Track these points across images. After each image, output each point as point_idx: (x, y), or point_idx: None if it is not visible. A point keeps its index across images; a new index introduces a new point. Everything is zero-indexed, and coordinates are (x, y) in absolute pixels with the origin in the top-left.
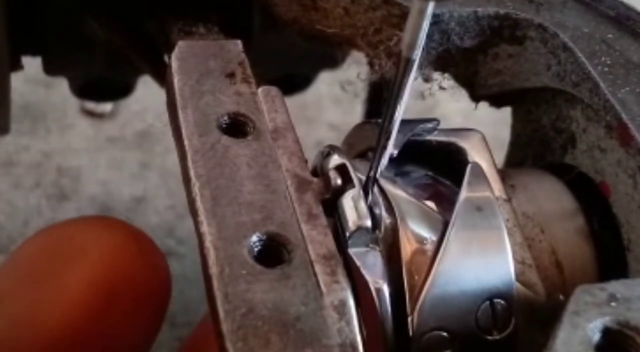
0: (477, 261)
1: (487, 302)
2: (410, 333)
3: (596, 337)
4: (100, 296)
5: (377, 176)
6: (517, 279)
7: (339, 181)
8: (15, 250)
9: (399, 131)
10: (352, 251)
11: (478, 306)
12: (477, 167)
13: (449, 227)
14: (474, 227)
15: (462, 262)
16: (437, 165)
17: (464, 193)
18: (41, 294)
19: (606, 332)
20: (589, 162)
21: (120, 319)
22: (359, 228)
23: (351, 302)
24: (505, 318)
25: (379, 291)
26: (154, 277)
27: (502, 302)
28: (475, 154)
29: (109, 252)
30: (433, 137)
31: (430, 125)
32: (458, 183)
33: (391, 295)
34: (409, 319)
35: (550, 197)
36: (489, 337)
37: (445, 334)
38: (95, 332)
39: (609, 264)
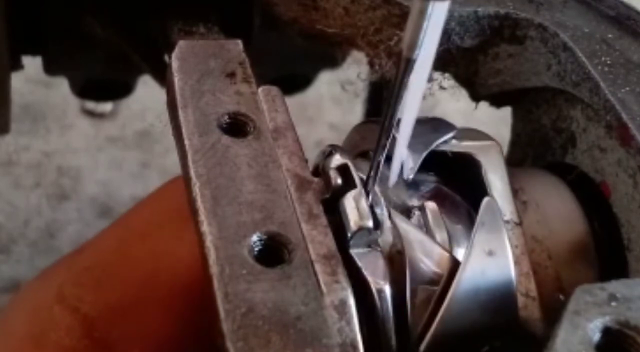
0: (483, 308)
1: (487, 347)
2: None
3: (596, 336)
4: None
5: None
6: (520, 313)
7: (339, 181)
8: (163, 187)
9: (414, 151)
10: (353, 251)
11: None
12: (491, 203)
13: (458, 273)
14: (484, 274)
15: (467, 310)
16: (449, 168)
17: (476, 235)
18: (187, 233)
19: (606, 331)
20: (589, 162)
21: None
22: (361, 228)
23: (351, 302)
24: None
25: (380, 291)
26: None
27: (502, 342)
28: (490, 170)
29: None
30: (448, 147)
31: (446, 137)
32: (468, 190)
33: (393, 296)
34: None
35: (561, 219)
36: None
37: None
38: None
39: (609, 263)
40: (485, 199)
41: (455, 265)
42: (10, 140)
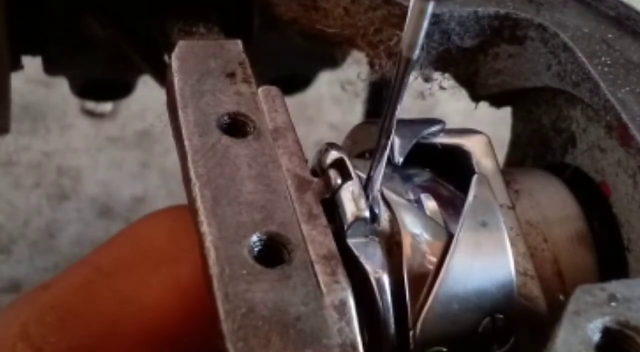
0: (480, 278)
1: (489, 318)
2: (412, 347)
3: (596, 337)
4: (201, 295)
5: (380, 181)
6: (519, 291)
7: (339, 181)
8: (136, 224)
9: (403, 137)
10: (351, 241)
11: (479, 322)
12: (482, 179)
13: (453, 245)
14: (479, 244)
15: (464, 279)
16: (442, 166)
17: (469, 208)
18: (155, 278)
19: (606, 332)
20: (589, 162)
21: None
22: (358, 219)
23: (351, 302)
24: (506, 333)
25: (378, 280)
26: None
27: (503, 317)
28: (481, 159)
29: None
30: (438, 139)
31: (435, 128)
32: (462, 185)
33: (392, 288)
34: (410, 333)
35: (554, 205)
36: None
37: (445, 350)
38: (190, 327)
39: (609, 263)
40: (475, 175)
41: (450, 239)
42: (10, 140)
